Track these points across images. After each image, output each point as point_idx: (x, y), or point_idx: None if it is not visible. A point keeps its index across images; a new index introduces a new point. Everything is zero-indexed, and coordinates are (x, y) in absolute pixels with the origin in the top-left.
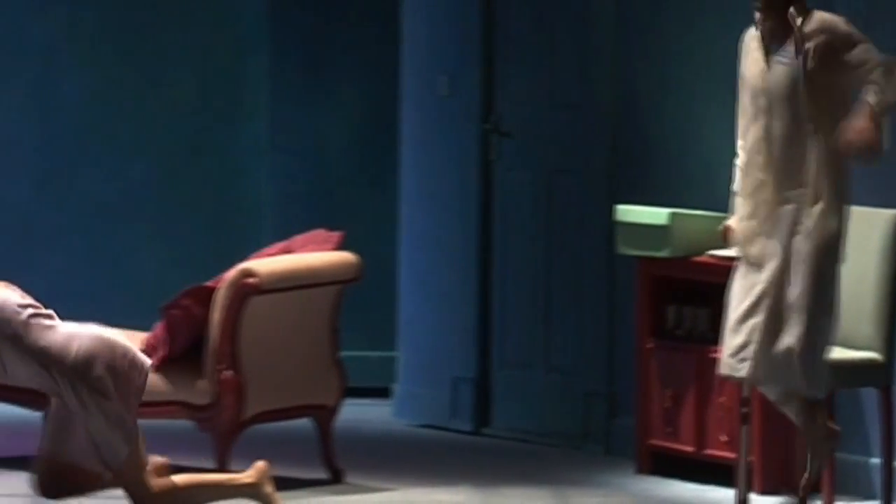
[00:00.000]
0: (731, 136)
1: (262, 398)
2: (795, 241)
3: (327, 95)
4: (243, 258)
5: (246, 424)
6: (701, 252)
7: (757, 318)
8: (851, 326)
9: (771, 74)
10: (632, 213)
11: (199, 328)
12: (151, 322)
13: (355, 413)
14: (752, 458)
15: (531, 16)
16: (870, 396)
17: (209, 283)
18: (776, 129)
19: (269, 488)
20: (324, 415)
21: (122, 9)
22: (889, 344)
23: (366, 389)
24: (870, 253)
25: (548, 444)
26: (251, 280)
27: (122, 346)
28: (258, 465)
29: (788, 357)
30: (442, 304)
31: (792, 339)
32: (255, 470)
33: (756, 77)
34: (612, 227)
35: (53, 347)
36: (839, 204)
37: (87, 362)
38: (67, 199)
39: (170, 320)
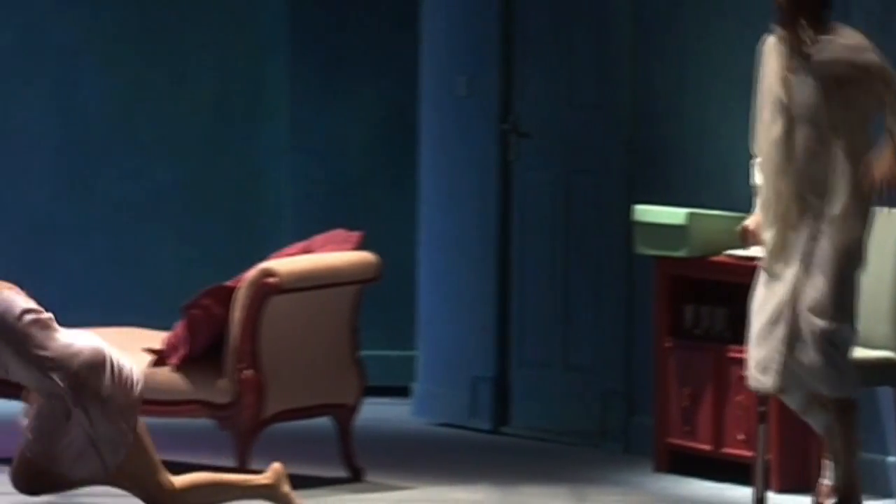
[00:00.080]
0: (748, 137)
1: (282, 397)
2: (816, 246)
3: (347, 96)
4: (263, 258)
5: (266, 423)
6: (718, 252)
7: (779, 330)
8: (868, 326)
9: (791, 85)
10: (650, 212)
11: (220, 328)
12: (172, 321)
13: (375, 412)
14: (769, 456)
15: (549, 17)
16: (886, 395)
17: (229, 283)
18: (798, 138)
19: (285, 489)
20: (343, 414)
21: (142, 11)
22: None
23: (385, 388)
24: (886, 253)
25: (566, 442)
26: (271, 280)
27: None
28: (274, 466)
29: (811, 364)
30: (461, 303)
31: (814, 347)
32: (272, 471)
33: (777, 87)
34: (631, 226)
35: (55, 355)
36: (862, 210)
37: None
38: (88, 199)
39: (190, 320)
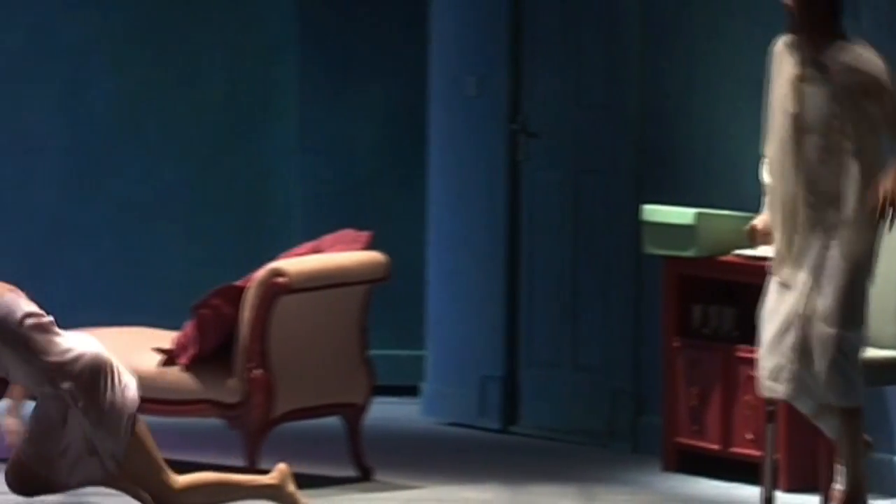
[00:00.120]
0: (757, 137)
1: (292, 397)
2: (827, 255)
3: (356, 96)
4: (273, 258)
5: (275, 423)
6: (727, 251)
7: (789, 338)
8: (876, 326)
9: (803, 94)
10: (658, 212)
11: (229, 327)
12: (181, 321)
13: (384, 411)
14: (777, 455)
15: (559, 17)
16: (894, 395)
17: (239, 283)
18: (807, 146)
19: (290, 489)
20: (353, 413)
21: (152, 11)
22: None
23: (394, 388)
24: (894, 253)
25: (575, 442)
26: (281, 279)
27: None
28: (280, 466)
29: (820, 372)
30: (470, 303)
31: (823, 355)
32: (277, 471)
33: (787, 95)
34: (639, 226)
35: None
36: (872, 220)
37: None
38: (98, 199)
39: (200, 320)
